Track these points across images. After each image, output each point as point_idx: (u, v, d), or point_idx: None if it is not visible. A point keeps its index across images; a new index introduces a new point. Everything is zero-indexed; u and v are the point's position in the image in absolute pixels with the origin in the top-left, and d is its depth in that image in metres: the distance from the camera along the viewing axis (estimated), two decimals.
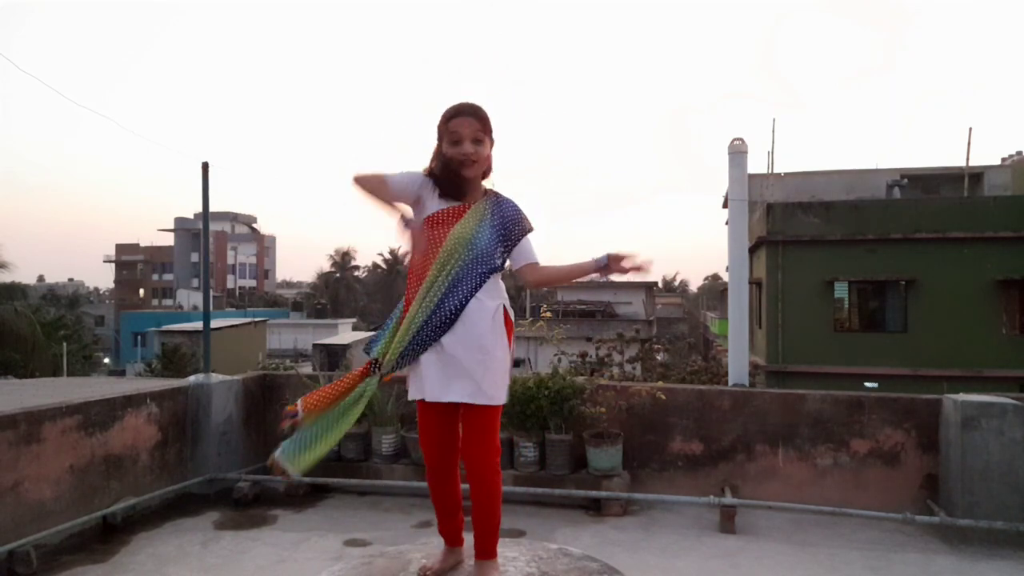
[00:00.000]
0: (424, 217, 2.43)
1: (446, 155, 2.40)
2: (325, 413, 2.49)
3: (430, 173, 2.47)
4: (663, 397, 5.61)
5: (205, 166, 6.72)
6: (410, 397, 2.50)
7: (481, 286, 2.42)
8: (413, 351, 2.41)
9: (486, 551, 2.49)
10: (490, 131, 2.43)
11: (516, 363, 2.73)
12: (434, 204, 2.43)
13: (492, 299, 2.45)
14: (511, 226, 2.48)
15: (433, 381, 2.40)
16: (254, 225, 75.60)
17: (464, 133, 2.37)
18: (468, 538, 2.59)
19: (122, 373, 34.22)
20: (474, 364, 2.38)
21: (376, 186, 2.37)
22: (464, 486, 2.54)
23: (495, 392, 2.41)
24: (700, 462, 5.69)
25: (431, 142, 2.51)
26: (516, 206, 2.52)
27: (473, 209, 2.45)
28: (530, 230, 2.52)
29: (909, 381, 15.97)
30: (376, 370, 2.49)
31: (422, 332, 2.39)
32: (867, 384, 15.74)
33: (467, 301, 2.39)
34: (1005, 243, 17.03)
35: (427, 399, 2.43)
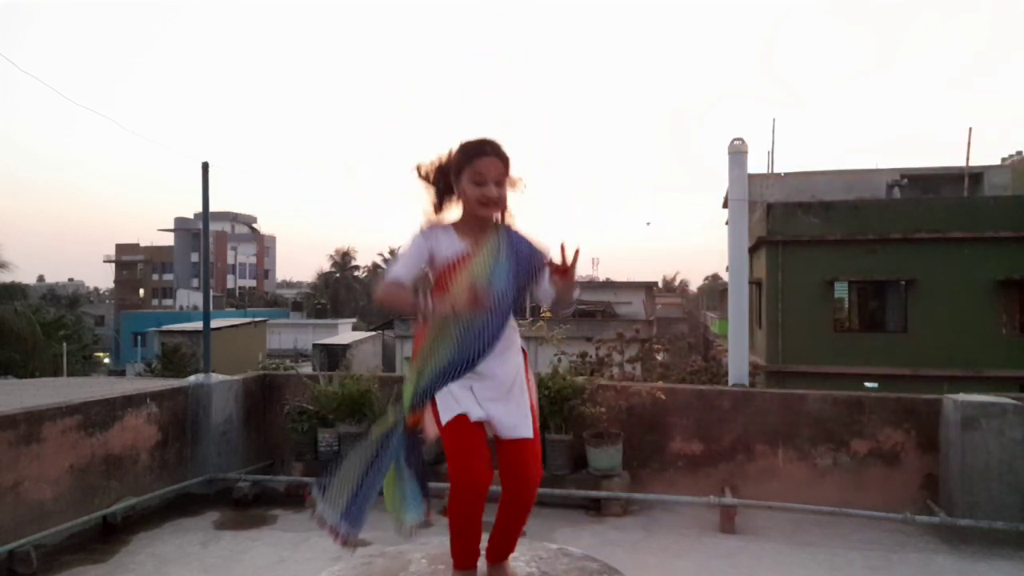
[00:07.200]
0: (439, 263, 2.34)
1: (467, 193, 2.33)
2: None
3: (438, 206, 2.41)
4: (663, 397, 5.61)
5: (205, 166, 6.71)
6: (448, 416, 2.31)
7: (501, 333, 2.36)
8: (432, 388, 2.34)
9: (507, 553, 2.56)
10: (510, 172, 2.38)
11: None
12: (447, 247, 2.34)
13: (513, 342, 2.45)
14: (526, 264, 2.37)
15: (499, 414, 2.38)
16: (254, 225, 75.58)
17: (489, 176, 2.31)
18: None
19: (122, 373, 34.24)
20: (515, 400, 2.44)
21: (400, 295, 2.25)
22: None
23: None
24: (700, 462, 5.69)
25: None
26: (529, 242, 2.41)
27: (486, 249, 2.35)
28: (546, 261, 2.36)
29: (909, 381, 15.96)
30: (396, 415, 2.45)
31: (448, 374, 2.33)
32: (867, 384, 15.73)
33: (491, 346, 2.33)
34: (1005, 243, 17.02)
35: (504, 436, 2.39)
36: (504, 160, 2.35)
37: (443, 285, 2.32)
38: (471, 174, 2.31)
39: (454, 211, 2.44)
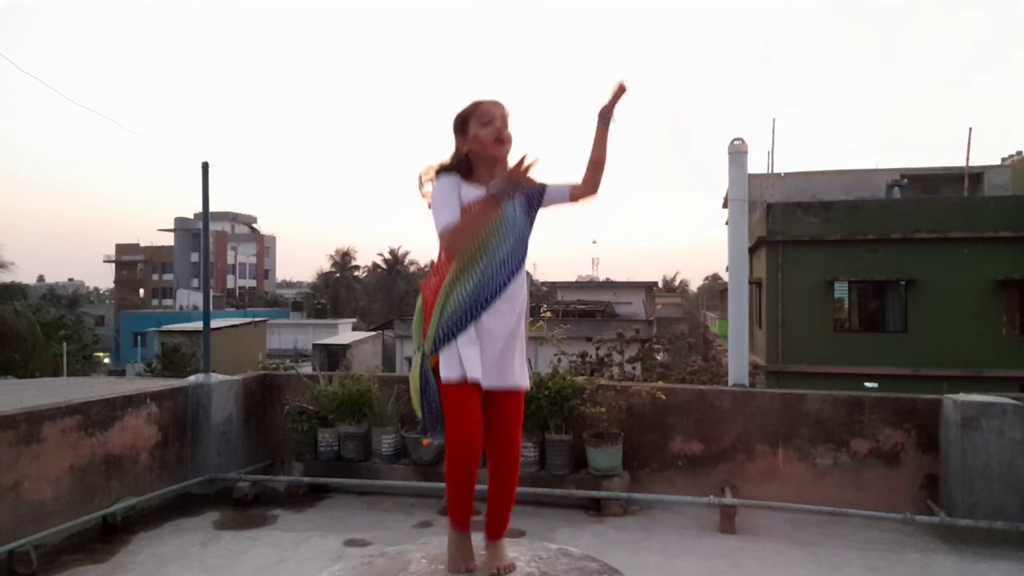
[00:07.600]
0: (461, 206, 2.43)
1: (479, 136, 2.44)
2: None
3: (452, 166, 2.50)
4: (663, 397, 5.61)
5: (205, 166, 6.71)
6: (450, 376, 2.40)
7: (520, 268, 2.49)
8: (453, 329, 2.41)
9: (502, 531, 2.59)
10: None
11: None
12: (465, 192, 2.44)
13: (524, 285, 2.54)
14: (529, 198, 2.54)
15: (490, 365, 2.42)
16: (254, 225, 75.54)
17: (496, 114, 2.45)
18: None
19: (122, 373, 34.24)
20: (519, 349, 2.48)
21: (467, 222, 2.35)
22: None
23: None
24: (700, 462, 5.69)
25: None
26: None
27: None
28: (542, 184, 2.56)
29: (909, 381, 15.96)
30: (420, 353, 2.53)
31: (467, 312, 2.41)
32: (867, 384, 15.73)
33: (509, 283, 2.45)
34: (1005, 243, 17.02)
35: (487, 384, 2.42)
36: (504, 108, 2.49)
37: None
38: (478, 119, 2.45)
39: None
